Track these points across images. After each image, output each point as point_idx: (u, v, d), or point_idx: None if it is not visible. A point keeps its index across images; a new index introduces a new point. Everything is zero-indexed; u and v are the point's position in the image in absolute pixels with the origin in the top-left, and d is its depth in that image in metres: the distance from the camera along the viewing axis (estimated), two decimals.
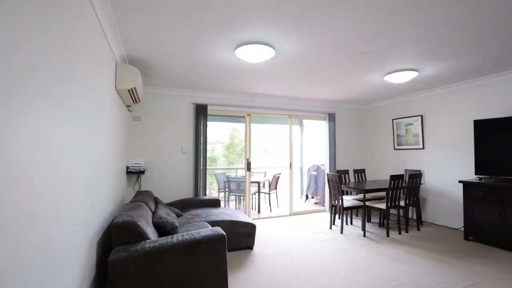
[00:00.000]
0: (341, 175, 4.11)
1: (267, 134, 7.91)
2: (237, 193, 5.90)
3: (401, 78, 3.55)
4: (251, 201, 5.24)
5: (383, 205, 3.95)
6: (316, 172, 6.56)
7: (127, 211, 2.30)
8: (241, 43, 2.65)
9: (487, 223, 3.48)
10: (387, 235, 3.89)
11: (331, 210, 4.41)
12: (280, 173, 6.23)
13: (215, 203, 4.11)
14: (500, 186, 3.37)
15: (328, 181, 4.37)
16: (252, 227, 3.42)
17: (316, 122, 6.19)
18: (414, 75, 3.50)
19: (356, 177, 5.16)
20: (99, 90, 2.04)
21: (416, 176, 4.09)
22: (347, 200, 4.32)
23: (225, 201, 6.07)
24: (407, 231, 4.08)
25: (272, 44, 2.66)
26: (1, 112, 0.81)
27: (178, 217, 3.38)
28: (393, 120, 5.30)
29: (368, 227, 4.35)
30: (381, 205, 3.99)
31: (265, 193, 5.99)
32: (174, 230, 2.65)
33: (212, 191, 7.19)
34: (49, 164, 1.16)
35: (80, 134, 1.57)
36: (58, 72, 1.23)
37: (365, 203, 4.07)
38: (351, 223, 4.60)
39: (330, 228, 4.34)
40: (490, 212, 3.46)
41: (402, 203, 4.06)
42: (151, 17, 2.15)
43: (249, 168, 5.06)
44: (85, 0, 1.62)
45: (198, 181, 4.52)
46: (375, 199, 4.55)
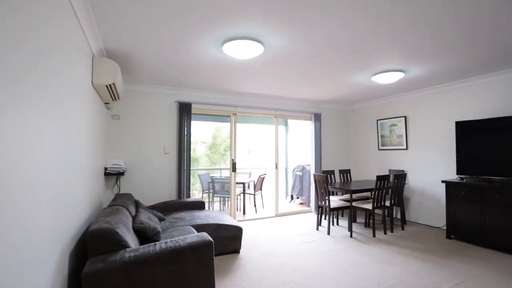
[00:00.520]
0: (327, 176, 4.09)
1: (251, 133, 7.80)
2: (222, 194, 5.76)
3: (388, 79, 3.56)
4: (236, 202, 5.12)
5: (369, 206, 3.96)
6: (301, 173, 6.54)
7: (105, 216, 2.12)
8: (228, 39, 2.53)
9: (468, 222, 3.57)
10: (373, 235, 3.91)
11: (318, 211, 4.37)
12: (265, 174, 6.15)
13: (199, 205, 3.95)
14: (479, 186, 3.46)
15: (315, 181, 4.33)
16: (239, 230, 3.31)
17: (301, 122, 6.16)
18: (400, 76, 3.53)
19: (341, 177, 5.17)
20: (71, 84, 1.85)
21: (400, 177, 4.14)
22: (334, 201, 4.30)
23: (209, 202, 5.91)
24: (392, 231, 4.12)
25: (261, 40, 2.56)
26: None
27: (161, 221, 3.21)
28: (378, 120, 5.37)
29: (354, 227, 4.36)
30: (367, 206, 4.00)
31: (250, 194, 5.88)
32: (156, 236, 2.49)
33: (194, 192, 7.00)
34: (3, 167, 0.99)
35: (45, 133, 1.40)
36: (20, 61, 1.07)
37: (352, 203, 4.07)
38: (337, 224, 4.60)
39: (317, 229, 4.30)
40: (470, 211, 3.54)
41: (387, 203, 4.10)
42: (131, 7, 1.98)
43: (234, 168, 4.94)
44: None
45: (181, 182, 4.34)
46: (360, 199, 4.57)
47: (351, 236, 3.92)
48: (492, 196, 3.34)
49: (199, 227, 3.06)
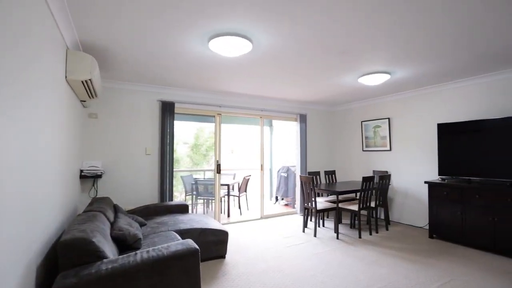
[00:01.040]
0: (313, 177, 4.05)
1: (234, 134, 7.67)
2: (206, 197, 5.60)
3: (375, 80, 3.58)
4: (220, 204, 4.98)
5: (355, 207, 3.97)
6: (286, 174, 6.50)
7: (79, 224, 1.94)
8: (216, 34, 2.41)
9: (450, 221, 3.65)
10: (359, 236, 3.91)
11: (304, 212, 4.33)
12: (250, 175, 6.05)
13: (182, 208, 3.78)
14: (460, 186, 3.55)
15: (301, 183, 4.28)
16: (224, 234, 3.18)
17: (286, 123, 6.13)
18: (386, 77, 3.55)
19: (327, 178, 5.17)
20: (40, 78, 1.67)
21: (385, 177, 4.18)
22: (320, 202, 4.27)
23: (193, 205, 5.73)
24: (377, 232, 4.15)
25: (250, 37, 2.46)
26: None
27: (142, 226, 3.02)
28: (362, 122, 5.42)
29: (340, 229, 4.35)
30: (353, 207, 4.00)
31: (235, 196, 5.76)
32: (137, 243, 2.33)
33: (175, 194, 6.77)
34: None
35: (6, 133, 1.22)
36: None
37: (338, 205, 4.05)
38: (323, 225, 4.58)
39: (303, 231, 4.25)
40: (452, 211, 3.63)
41: (372, 204, 4.12)
42: None
43: (219, 170, 4.80)
44: None
45: (164, 185, 4.15)
46: (346, 200, 4.58)
47: (337, 237, 3.90)
48: (472, 196, 3.43)
49: (183, 232, 2.91)
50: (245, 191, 5.97)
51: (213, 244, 3.09)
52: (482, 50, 2.80)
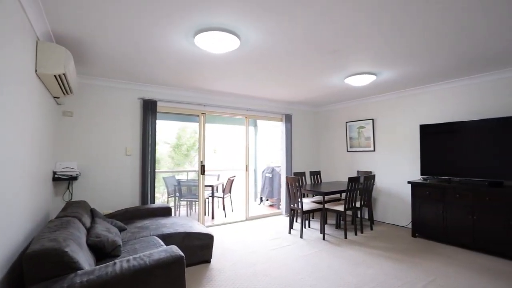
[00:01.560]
0: (299, 178, 4.01)
1: (217, 134, 7.52)
2: (189, 198, 5.44)
3: (361, 81, 3.59)
4: (204, 206, 4.84)
5: (341, 207, 3.97)
6: (271, 174, 6.44)
7: (50, 231, 1.76)
8: (202, 29, 2.30)
9: (432, 220, 3.73)
10: (345, 236, 3.91)
11: (290, 213, 4.28)
12: (234, 176, 5.94)
13: (165, 211, 3.62)
14: (441, 186, 3.64)
15: (287, 184, 4.24)
16: (209, 238, 3.06)
17: (270, 123, 6.07)
18: (372, 78, 3.57)
19: (312, 179, 5.16)
20: (2, 72, 1.49)
21: (370, 178, 4.22)
22: (306, 203, 4.24)
23: (175, 207, 5.54)
24: (362, 231, 4.18)
25: (238, 33, 2.36)
26: None
27: (122, 232, 2.84)
28: (346, 123, 5.46)
29: (326, 229, 4.34)
30: (339, 207, 4.00)
31: (219, 197, 5.63)
32: (116, 250, 2.17)
33: (157, 195, 6.54)
34: None
35: None
36: None
37: (324, 205, 4.04)
38: (309, 226, 4.55)
39: (289, 232, 4.21)
40: (434, 210, 3.71)
41: (358, 204, 4.14)
42: None
43: (203, 171, 4.66)
44: None
45: (145, 186, 3.96)
46: (331, 201, 4.59)
47: (323, 238, 3.88)
48: (453, 195, 3.52)
49: (166, 237, 2.76)
50: (230, 192, 5.85)
51: (198, 248, 2.97)
52: (460, 55, 2.90)
